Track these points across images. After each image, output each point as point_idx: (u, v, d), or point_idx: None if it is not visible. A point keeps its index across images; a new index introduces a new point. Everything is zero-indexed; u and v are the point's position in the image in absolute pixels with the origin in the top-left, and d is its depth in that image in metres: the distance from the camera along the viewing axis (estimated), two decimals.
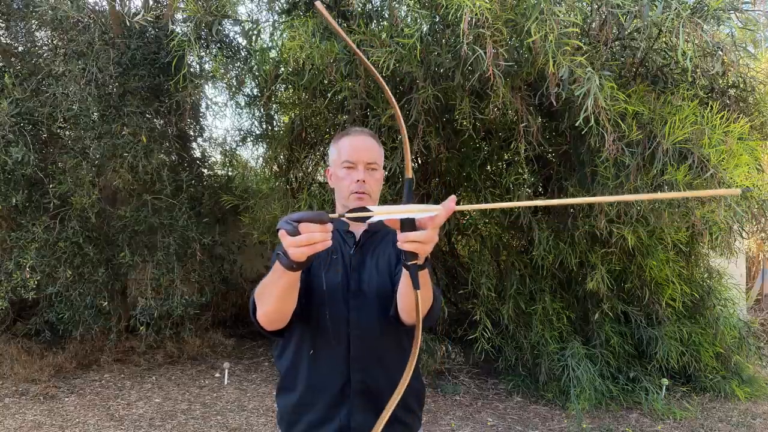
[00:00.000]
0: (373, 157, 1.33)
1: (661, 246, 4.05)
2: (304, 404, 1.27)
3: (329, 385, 1.25)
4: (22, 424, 3.53)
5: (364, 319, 1.25)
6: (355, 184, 1.29)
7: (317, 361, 1.26)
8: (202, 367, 4.89)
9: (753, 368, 4.58)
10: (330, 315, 1.24)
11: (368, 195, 1.30)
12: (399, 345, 1.28)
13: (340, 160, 1.33)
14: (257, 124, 5.29)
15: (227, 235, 5.43)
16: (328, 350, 1.25)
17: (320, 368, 1.26)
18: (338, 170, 1.33)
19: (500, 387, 4.44)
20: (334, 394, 1.24)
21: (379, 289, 1.26)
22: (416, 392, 1.34)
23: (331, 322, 1.25)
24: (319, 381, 1.26)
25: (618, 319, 4.25)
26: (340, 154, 1.34)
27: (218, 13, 3.65)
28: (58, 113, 4.12)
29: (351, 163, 1.31)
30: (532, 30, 2.69)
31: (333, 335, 1.25)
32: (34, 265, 4.23)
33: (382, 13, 3.93)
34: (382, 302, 1.25)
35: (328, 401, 1.25)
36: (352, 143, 1.34)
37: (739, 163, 2.84)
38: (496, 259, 4.51)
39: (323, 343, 1.26)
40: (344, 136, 1.37)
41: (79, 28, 4.23)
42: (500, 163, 4.54)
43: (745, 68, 3.61)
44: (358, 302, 1.26)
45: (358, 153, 1.31)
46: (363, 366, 1.24)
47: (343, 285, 1.26)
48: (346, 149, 1.33)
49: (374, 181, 1.33)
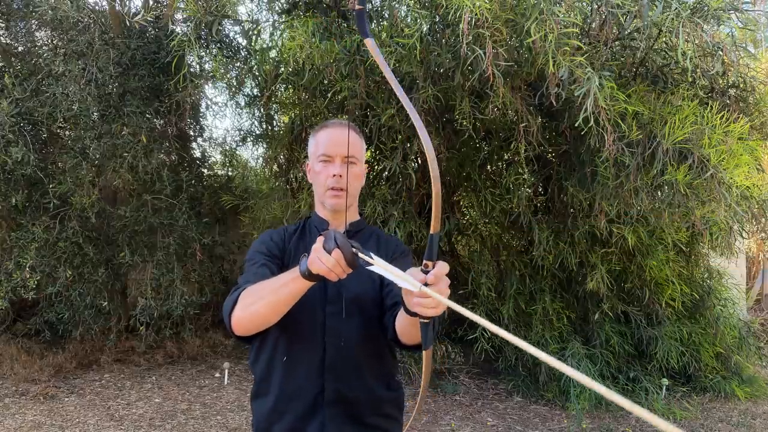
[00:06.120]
0: (352, 150, 1.25)
1: (661, 246, 4.05)
2: (277, 412, 1.21)
3: (303, 393, 1.19)
4: (22, 424, 3.53)
5: (341, 326, 1.19)
6: (331, 178, 1.23)
7: (291, 369, 1.20)
8: (202, 367, 4.89)
9: (753, 368, 4.58)
10: (305, 321, 1.18)
11: (345, 190, 1.24)
12: (378, 353, 1.24)
13: (317, 154, 1.27)
14: (257, 124, 5.29)
15: (227, 235, 5.43)
16: (303, 357, 1.20)
17: (294, 376, 1.20)
18: (315, 164, 1.28)
19: (500, 387, 4.44)
20: (308, 402, 1.19)
21: (360, 295, 1.20)
22: (394, 399, 1.29)
23: (306, 328, 1.19)
24: (292, 389, 1.20)
25: (618, 319, 4.25)
26: (317, 147, 1.28)
27: (218, 13, 3.65)
28: (58, 113, 4.11)
29: (328, 156, 1.25)
30: (532, 30, 2.69)
31: (308, 342, 1.19)
32: (34, 265, 4.22)
33: (382, 13, 3.93)
34: (364, 309, 1.20)
35: (301, 410, 1.19)
36: (329, 136, 1.27)
37: (739, 163, 2.84)
38: (496, 259, 4.51)
39: (298, 350, 1.20)
40: (323, 128, 1.30)
41: (79, 28, 4.22)
42: (500, 163, 4.54)
43: (745, 68, 3.61)
44: (335, 308, 1.19)
45: (335, 146, 1.25)
46: (338, 375, 1.19)
47: (321, 289, 1.18)
48: (323, 142, 1.27)
49: (352, 176, 1.25)
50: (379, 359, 1.24)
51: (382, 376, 1.26)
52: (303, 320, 1.18)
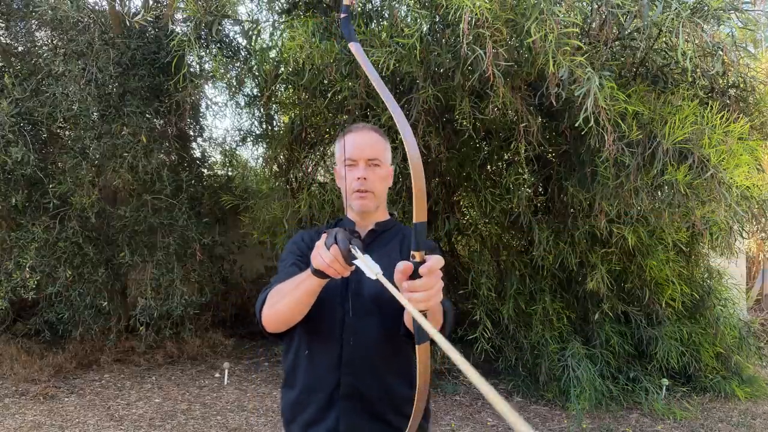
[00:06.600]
0: (375, 152, 1.30)
1: (661, 246, 4.05)
2: (300, 403, 1.27)
3: (322, 386, 1.24)
4: (22, 424, 3.53)
5: (360, 323, 1.22)
6: (356, 182, 1.27)
7: (313, 362, 1.25)
8: (202, 367, 4.89)
9: (753, 368, 4.58)
10: (325, 317, 1.22)
11: (371, 192, 1.28)
12: (399, 352, 1.25)
13: (342, 158, 1.31)
14: (257, 124, 5.29)
15: (227, 235, 5.43)
16: (322, 352, 1.24)
17: (315, 369, 1.25)
18: (341, 169, 1.32)
19: (500, 387, 4.44)
20: (326, 395, 1.23)
21: (380, 293, 1.20)
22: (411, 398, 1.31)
23: (326, 324, 1.23)
24: (313, 382, 1.25)
25: (618, 319, 4.25)
26: (342, 152, 1.32)
27: (218, 13, 3.65)
28: (57, 113, 4.11)
29: (352, 160, 1.29)
30: (532, 30, 2.69)
31: (327, 338, 1.23)
32: (34, 265, 4.22)
33: (382, 13, 3.92)
34: (383, 307, 1.21)
35: (320, 403, 1.24)
36: (353, 140, 1.31)
37: (739, 163, 2.84)
38: (496, 259, 4.51)
39: (318, 345, 1.25)
40: (347, 133, 1.34)
41: (79, 28, 4.22)
42: (500, 163, 4.53)
43: (745, 68, 3.61)
44: (355, 305, 1.22)
45: (359, 150, 1.29)
46: (354, 371, 1.22)
47: (342, 287, 1.23)
48: (348, 147, 1.30)
49: (377, 178, 1.29)
50: (399, 357, 1.25)
51: (404, 375, 1.26)
52: (324, 316, 1.22)
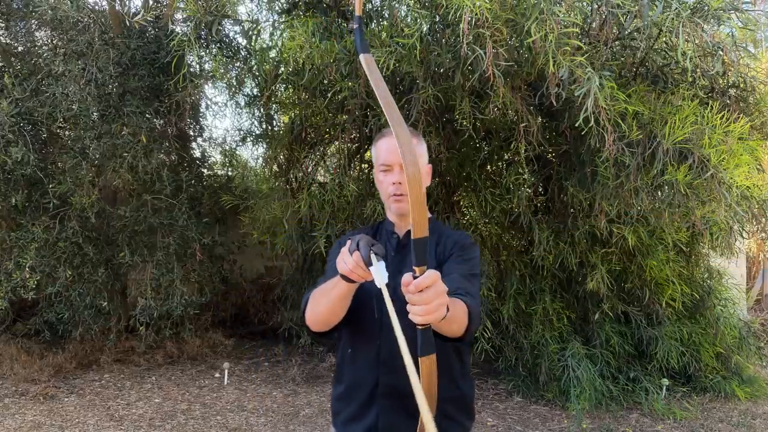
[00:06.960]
0: None
1: (661, 246, 4.05)
2: (344, 398, 1.34)
3: (363, 383, 1.30)
4: (22, 424, 3.53)
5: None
6: (392, 186, 1.31)
7: (355, 361, 1.32)
8: (202, 367, 4.89)
9: (753, 368, 4.58)
10: (365, 317, 1.27)
11: (407, 195, 1.30)
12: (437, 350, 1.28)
13: (378, 163, 1.35)
14: (257, 124, 5.29)
15: (227, 235, 5.43)
16: (363, 351, 1.31)
17: (357, 367, 1.32)
18: (378, 174, 1.36)
19: (500, 387, 4.44)
20: (366, 393, 1.29)
21: None
22: (459, 398, 1.33)
23: (365, 324, 1.27)
24: (356, 379, 1.32)
25: (618, 319, 4.24)
26: (377, 157, 1.36)
27: (218, 13, 3.64)
28: (57, 113, 4.11)
29: (387, 166, 1.32)
30: (532, 30, 2.69)
31: (366, 337, 1.28)
32: (34, 265, 4.22)
33: (382, 13, 3.92)
34: None
35: (362, 399, 1.29)
36: (387, 145, 1.34)
37: (739, 163, 2.83)
38: (496, 259, 4.51)
39: (359, 344, 1.31)
40: (380, 138, 1.37)
41: (79, 28, 4.22)
42: (500, 163, 4.53)
43: (745, 68, 3.60)
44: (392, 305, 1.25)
45: (393, 154, 1.31)
46: (391, 369, 1.24)
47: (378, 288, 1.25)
48: (382, 152, 1.34)
49: None
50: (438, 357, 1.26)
51: (442, 374, 1.26)
52: (364, 316, 1.27)
